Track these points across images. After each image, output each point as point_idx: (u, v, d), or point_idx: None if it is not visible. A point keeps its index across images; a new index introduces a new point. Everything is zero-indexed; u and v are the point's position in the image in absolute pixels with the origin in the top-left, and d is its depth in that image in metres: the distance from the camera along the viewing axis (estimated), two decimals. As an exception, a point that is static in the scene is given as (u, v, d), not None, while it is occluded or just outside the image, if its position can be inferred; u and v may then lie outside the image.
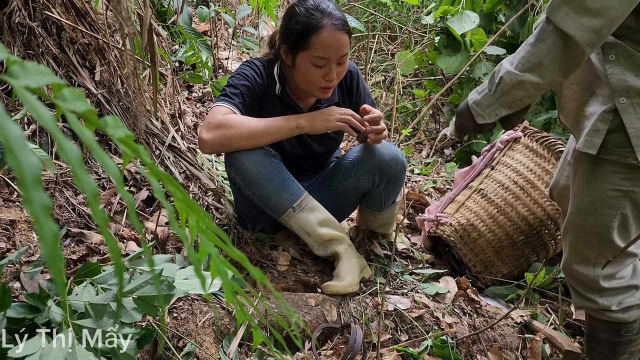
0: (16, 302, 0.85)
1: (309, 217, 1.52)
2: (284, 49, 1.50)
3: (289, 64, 1.50)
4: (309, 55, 1.43)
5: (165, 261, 0.97)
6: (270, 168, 1.48)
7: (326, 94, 1.52)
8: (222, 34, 3.57)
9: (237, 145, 1.45)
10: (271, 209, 1.52)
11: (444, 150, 3.58)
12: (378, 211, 1.70)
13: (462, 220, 1.86)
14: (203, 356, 1.18)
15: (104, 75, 1.89)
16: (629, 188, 1.11)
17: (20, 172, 0.27)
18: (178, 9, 2.64)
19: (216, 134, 1.42)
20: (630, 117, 1.05)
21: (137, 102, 1.82)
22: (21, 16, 1.71)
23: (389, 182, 1.59)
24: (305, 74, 1.46)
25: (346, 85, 1.66)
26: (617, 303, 1.24)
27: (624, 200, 1.13)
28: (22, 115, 1.43)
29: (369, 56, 3.97)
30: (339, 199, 1.67)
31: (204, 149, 1.48)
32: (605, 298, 1.24)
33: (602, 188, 1.14)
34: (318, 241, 1.55)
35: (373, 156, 1.55)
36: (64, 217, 1.45)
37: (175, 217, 0.37)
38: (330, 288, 1.47)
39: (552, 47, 1.02)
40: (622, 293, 1.24)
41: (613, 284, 1.23)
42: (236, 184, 1.54)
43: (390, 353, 1.36)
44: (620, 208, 1.14)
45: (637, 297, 1.25)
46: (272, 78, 1.57)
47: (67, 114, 0.33)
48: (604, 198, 1.14)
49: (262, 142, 1.46)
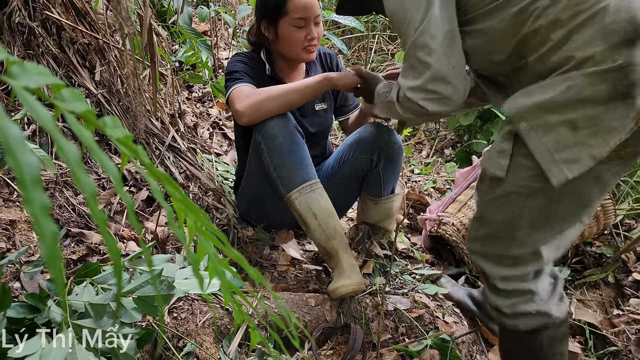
0: (16, 302, 0.85)
1: (318, 200, 1.51)
2: (265, 25, 1.62)
3: (272, 37, 1.63)
4: (288, 19, 1.56)
5: (165, 261, 0.97)
6: (295, 143, 1.52)
7: (311, 54, 1.63)
8: (222, 34, 3.57)
9: (270, 106, 1.50)
10: (283, 181, 1.52)
11: (444, 150, 3.58)
12: (378, 197, 1.72)
13: (464, 220, 1.86)
14: (203, 356, 1.18)
15: (104, 75, 1.90)
16: (539, 184, 1.03)
17: (19, 172, 0.27)
18: (178, 9, 2.64)
19: (247, 102, 1.50)
20: (535, 143, 1.00)
21: (136, 102, 1.82)
22: (21, 16, 1.71)
23: (387, 162, 1.64)
24: (288, 38, 1.59)
25: (328, 65, 1.81)
26: (509, 305, 1.14)
27: (534, 198, 1.05)
28: (22, 116, 1.43)
29: (369, 56, 3.97)
30: (339, 187, 1.68)
31: (240, 119, 1.53)
32: (497, 298, 1.16)
33: (510, 183, 1.07)
34: (322, 226, 1.51)
35: (370, 136, 1.63)
36: (64, 217, 1.45)
37: (174, 217, 0.37)
38: (339, 291, 1.41)
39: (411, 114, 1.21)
40: (515, 296, 1.13)
41: (507, 285, 1.13)
42: (259, 151, 1.55)
43: (390, 353, 1.36)
44: (529, 206, 1.06)
45: (531, 306, 1.12)
46: (261, 61, 1.70)
47: (66, 114, 0.33)
48: (511, 194, 1.07)
49: (292, 99, 1.51)
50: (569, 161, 0.98)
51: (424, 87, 1.12)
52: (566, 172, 0.98)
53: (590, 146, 0.96)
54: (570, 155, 0.98)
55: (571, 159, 0.98)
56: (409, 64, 1.15)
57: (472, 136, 3.21)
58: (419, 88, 1.13)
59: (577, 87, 0.95)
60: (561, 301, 1.17)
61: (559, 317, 1.14)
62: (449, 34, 1.08)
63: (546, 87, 0.99)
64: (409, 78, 1.15)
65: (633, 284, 1.90)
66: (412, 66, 1.14)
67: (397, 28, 1.17)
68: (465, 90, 1.15)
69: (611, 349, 1.65)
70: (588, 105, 0.95)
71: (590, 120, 0.95)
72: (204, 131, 2.58)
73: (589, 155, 0.97)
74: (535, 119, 1.00)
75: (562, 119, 0.97)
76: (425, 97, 1.13)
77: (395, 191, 1.74)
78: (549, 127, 0.99)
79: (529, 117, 1.01)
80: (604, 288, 1.92)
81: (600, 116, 0.95)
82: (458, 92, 1.12)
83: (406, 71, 1.17)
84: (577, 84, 0.95)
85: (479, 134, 3.17)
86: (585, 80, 0.94)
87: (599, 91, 0.94)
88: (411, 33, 1.10)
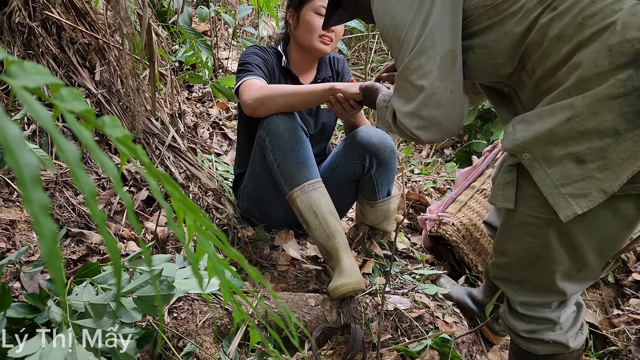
0: (16, 302, 0.85)
1: (320, 199, 1.52)
2: (291, 13, 1.73)
3: (294, 23, 1.71)
4: (311, 5, 1.66)
5: (164, 261, 0.97)
6: (300, 141, 1.54)
7: (325, 47, 1.69)
8: (222, 34, 3.57)
9: (273, 104, 1.53)
10: (286, 179, 1.54)
11: (444, 150, 3.58)
12: (373, 201, 1.72)
13: (464, 220, 1.86)
14: (203, 356, 1.18)
15: (103, 75, 1.90)
16: (549, 216, 0.97)
17: (19, 171, 0.27)
18: (178, 9, 2.64)
19: (255, 95, 1.54)
20: (540, 174, 0.94)
21: (135, 102, 1.82)
22: (21, 16, 1.71)
23: (380, 166, 1.64)
24: (308, 23, 1.67)
25: (336, 69, 1.88)
26: (528, 331, 1.11)
27: (545, 229, 0.99)
28: (22, 116, 1.43)
29: (369, 56, 3.97)
30: (335, 190, 1.68)
31: (246, 110, 1.57)
32: (516, 321, 1.13)
33: (521, 212, 1.02)
34: (323, 225, 1.51)
35: (361, 140, 1.63)
36: (64, 217, 1.45)
37: (173, 217, 0.37)
38: (339, 290, 1.41)
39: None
40: (535, 323, 1.10)
41: (528, 311, 1.10)
42: (263, 147, 1.58)
43: (390, 353, 1.36)
44: (542, 236, 1.00)
45: (550, 334, 1.10)
46: (278, 53, 1.78)
47: (65, 114, 0.33)
48: (523, 224, 1.02)
49: (295, 101, 1.54)
50: (577, 196, 0.90)
51: (417, 112, 1.04)
52: (575, 207, 0.90)
53: (600, 180, 0.88)
54: (577, 190, 0.90)
55: (579, 193, 0.90)
56: (401, 84, 1.07)
57: (472, 136, 3.21)
58: (411, 114, 1.05)
59: (580, 119, 0.87)
60: (581, 332, 1.14)
61: (575, 348, 1.12)
62: (449, 55, 1.00)
63: (545, 115, 0.92)
64: (402, 101, 1.08)
65: (633, 284, 1.90)
66: (404, 88, 1.06)
67: (389, 45, 1.09)
68: (462, 117, 1.07)
69: (611, 349, 1.65)
70: (594, 137, 0.87)
71: (598, 153, 0.87)
72: (204, 131, 2.58)
73: (598, 189, 0.89)
74: (537, 150, 0.93)
75: (566, 152, 0.90)
76: (418, 124, 1.06)
77: (391, 193, 1.74)
78: (553, 160, 0.92)
79: (532, 149, 0.94)
80: (603, 288, 1.92)
81: (608, 148, 0.86)
82: (454, 119, 1.05)
83: (398, 91, 1.09)
84: (579, 114, 0.87)
85: (479, 134, 3.17)
86: (588, 109, 0.86)
87: (604, 121, 0.85)
88: (405, 53, 1.03)
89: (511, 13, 0.95)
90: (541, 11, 0.92)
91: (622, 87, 0.83)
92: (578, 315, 1.14)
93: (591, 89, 0.86)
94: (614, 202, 0.92)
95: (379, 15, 1.08)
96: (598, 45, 0.85)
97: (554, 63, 0.91)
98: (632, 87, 0.83)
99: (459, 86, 1.04)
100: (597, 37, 0.85)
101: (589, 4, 0.86)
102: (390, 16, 1.04)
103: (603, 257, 1.02)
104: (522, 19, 0.94)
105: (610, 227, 0.96)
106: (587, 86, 0.87)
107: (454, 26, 1.00)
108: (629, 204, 0.93)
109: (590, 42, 0.86)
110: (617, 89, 0.84)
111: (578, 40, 0.87)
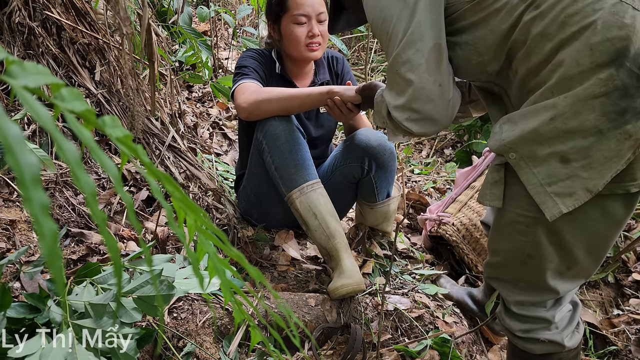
0: (16, 302, 0.85)
1: (319, 200, 1.52)
2: (271, 26, 1.66)
3: (277, 37, 1.66)
4: (289, 16, 1.59)
5: (165, 261, 0.97)
6: (297, 143, 1.53)
7: (314, 53, 1.63)
8: (222, 34, 3.57)
9: (269, 107, 1.51)
10: (285, 181, 1.53)
11: (444, 150, 3.58)
12: (373, 202, 1.72)
13: (464, 220, 1.86)
14: (203, 356, 1.18)
15: (103, 75, 1.90)
16: (537, 214, 0.97)
17: (19, 171, 0.27)
18: (178, 9, 2.64)
19: (250, 98, 1.52)
20: (526, 173, 0.95)
21: (135, 101, 1.82)
22: (21, 16, 1.71)
23: (379, 169, 1.63)
24: (290, 35, 1.60)
25: (335, 70, 1.82)
26: (523, 330, 1.12)
27: (534, 227, 0.99)
28: (22, 116, 1.43)
29: (369, 56, 3.97)
30: (334, 192, 1.68)
31: (241, 114, 1.56)
32: (511, 320, 1.13)
33: (510, 211, 1.02)
34: (323, 226, 1.51)
35: (360, 143, 1.62)
36: (64, 217, 1.45)
37: (173, 217, 0.37)
38: (339, 291, 1.41)
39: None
40: (530, 322, 1.11)
41: (522, 311, 1.11)
42: (260, 150, 1.57)
43: (390, 353, 1.36)
44: (531, 235, 1.00)
45: (546, 334, 1.10)
46: (272, 59, 1.72)
47: (65, 114, 0.33)
48: (513, 223, 1.03)
49: (293, 104, 1.52)
50: (563, 194, 0.91)
51: (408, 105, 1.05)
52: (560, 206, 0.91)
53: (585, 179, 0.89)
54: (563, 189, 0.91)
55: (564, 192, 0.91)
56: (392, 77, 1.08)
57: (472, 136, 3.21)
58: (402, 107, 1.06)
59: (563, 118, 0.88)
60: (577, 330, 1.14)
61: (571, 347, 1.12)
62: (436, 48, 1.01)
63: (529, 115, 0.93)
64: (393, 94, 1.09)
65: (633, 284, 1.90)
66: (395, 81, 1.07)
67: (378, 38, 1.10)
68: (453, 111, 1.08)
69: (611, 349, 1.65)
70: (578, 136, 0.88)
71: (582, 152, 0.88)
72: (204, 131, 2.58)
73: (583, 188, 0.90)
74: (523, 150, 0.94)
75: (551, 151, 0.91)
76: (409, 117, 1.06)
77: (391, 194, 1.74)
78: (539, 159, 0.92)
79: (517, 149, 0.95)
80: (603, 288, 1.92)
81: (592, 147, 0.87)
82: (444, 112, 1.05)
83: (390, 85, 1.11)
84: (562, 114, 0.88)
85: (479, 134, 3.17)
86: (571, 109, 0.87)
87: (587, 121, 0.86)
88: (393, 46, 1.03)
89: (496, 9, 0.96)
90: (524, 8, 0.92)
91: (603, 86, 0.84)
92: (574, 314, 1.14)
93: (573, 88, 0.87)
94: (602, 201, 0.93)
95: (368, 9, 1.10)
96: (579, 44, 0.85)
97: (538, 61, 0.92)
98: (614, 86, 0.83)
99: (447, 79, 1.04)
100: (578, 36, 0.85)
101: (571, 2, 0.87)
102: (379, 9, 1.05)
103: (593, 255, 1.02)
104: (506, 16, 0.94)
105: (599, 226, 0.97)
106: (570, 85, 0.87)
107: (438, 19, 1.02)
108: (617, 202, 0.95)
109: (572, 40, 0.86)
110: (598, 88, 0.84)
111: (560, 38, 0.88)
